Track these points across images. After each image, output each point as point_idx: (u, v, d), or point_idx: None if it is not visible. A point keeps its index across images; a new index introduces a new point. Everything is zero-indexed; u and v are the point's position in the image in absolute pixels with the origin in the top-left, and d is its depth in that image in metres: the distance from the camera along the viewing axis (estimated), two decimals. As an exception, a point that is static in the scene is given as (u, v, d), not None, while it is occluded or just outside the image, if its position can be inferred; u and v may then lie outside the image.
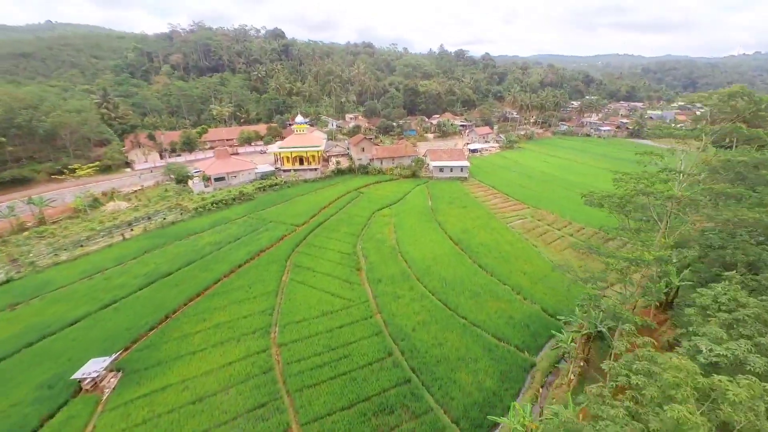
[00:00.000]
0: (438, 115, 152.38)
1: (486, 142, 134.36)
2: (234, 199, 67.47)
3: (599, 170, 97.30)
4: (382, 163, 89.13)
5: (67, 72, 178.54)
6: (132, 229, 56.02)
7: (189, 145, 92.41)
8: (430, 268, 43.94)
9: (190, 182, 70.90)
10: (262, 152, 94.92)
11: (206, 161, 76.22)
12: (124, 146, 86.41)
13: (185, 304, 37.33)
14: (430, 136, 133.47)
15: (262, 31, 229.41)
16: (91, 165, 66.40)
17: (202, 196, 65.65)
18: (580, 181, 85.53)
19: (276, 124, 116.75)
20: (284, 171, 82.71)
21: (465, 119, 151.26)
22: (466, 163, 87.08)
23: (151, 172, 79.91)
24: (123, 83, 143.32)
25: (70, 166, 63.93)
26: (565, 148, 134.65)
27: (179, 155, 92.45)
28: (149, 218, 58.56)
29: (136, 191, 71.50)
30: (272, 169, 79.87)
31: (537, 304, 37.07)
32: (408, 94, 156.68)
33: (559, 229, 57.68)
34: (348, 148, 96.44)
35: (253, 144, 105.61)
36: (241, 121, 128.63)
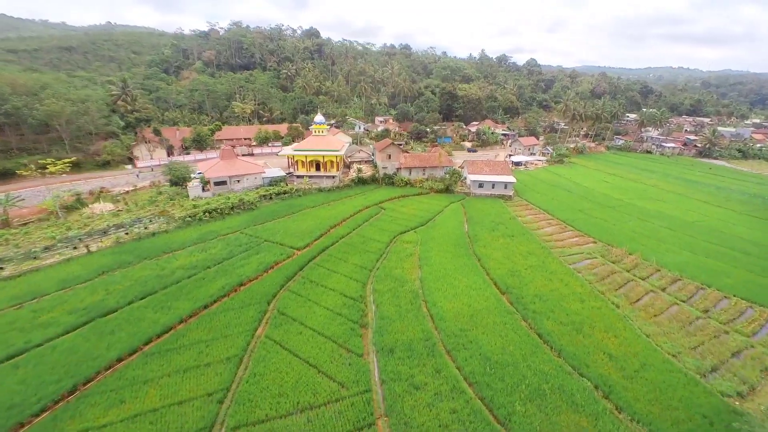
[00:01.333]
0: (477, 123, 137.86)
1: (531, 154, 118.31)
2: (232, 208, 57.08)
3: (677, 197, 79.54)
4: (410, 173, 76.38)
5: (106, 66, 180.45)
6: (102, 240, 46.54)
7: (200, 143, 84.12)
8: (465, 333, 30.47)
9: (188, 185, 61.36)
10: (278, 154, 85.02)
11: (208, 162, 66.84)
12: (134, 141, 79.40)
13: (110, 367, 26.14)
14: (467, 144, 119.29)
15: (299, 31, 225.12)
16: (67, 160, 58.46)
17: (195, 203, 55.72)
18: (656, 210, 68.84)
19: (299, 125, 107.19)
20: (297, 177, 71.93)
21: (507, 128, 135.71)
22: (511, 178, 72.50)
23: (152, 170, 71.72)
24: (151, 77, 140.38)
25: (41, 161, 56.00)
26: (625, 166, 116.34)
27: (189, 153, 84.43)
28: (128, 226, 48.98)
29: (128, 192, 63.04)
30: (283, 174, 69.27)
31: (644, 428, 22.63)
32: (445, 98, 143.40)
33: (644, 279, 42.24)
34: (372, 154, 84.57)
35: (270, 144, 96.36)
36: (263, 120, 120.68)
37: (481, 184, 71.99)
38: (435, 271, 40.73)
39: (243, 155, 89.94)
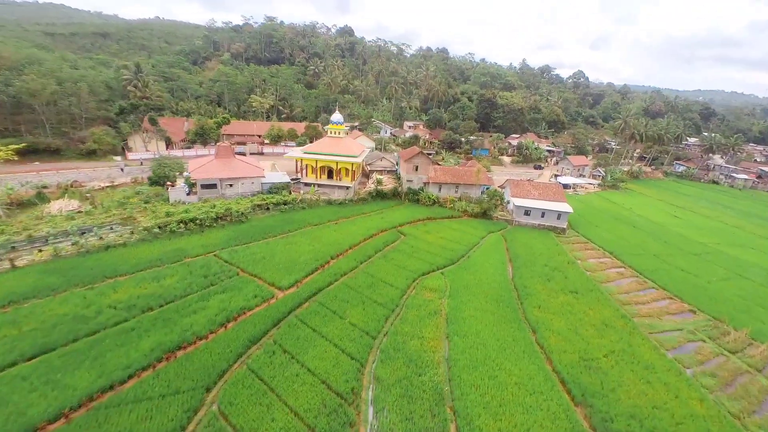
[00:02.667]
0: (517, 135, 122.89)
1: (581, 175, 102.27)
2: (216, 219, 45.96)
3: (785, 247, 62.20)
4: (440, 189, 63.25)
5: (137, 53, 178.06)
6: (41, 250, 36.25)
7: (203, 137, 74.49)
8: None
9: (169, 186, 51.01)
10: (284, 156, 74.09)
11: (199, 160, 56.35)
12: (130, 130, 70.67)
13: None
14: (507, 159, 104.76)
15: (333, 30, 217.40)
16: (14, 146, 48.84)
17: (170, 210, 44.91)
18: (755, 262, 52.77)
19: (318, 124, 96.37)
20: (305, 184, 60.42)
21: (552, 144, 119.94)
22: (566, 207, 57.98)
23: (141, 164, 62.18)
24: (174, 65, 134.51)
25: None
26: (692, 198, 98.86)
27: (190, 148, 74.97)
28: (76, 235, 38.57)
29: (103, 188, 53.43)
30: (287, 180, 57.84)
31: None
32: (483, 106, 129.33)
33: (796, 391, 27.23)
34: (396, 164, 72.07)
35: (283, 144, 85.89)
36: (282, 116, 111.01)
37: (527, 211, 57.86)
38: (470, 349, 27.38)
39: (251, 153, 79.84)
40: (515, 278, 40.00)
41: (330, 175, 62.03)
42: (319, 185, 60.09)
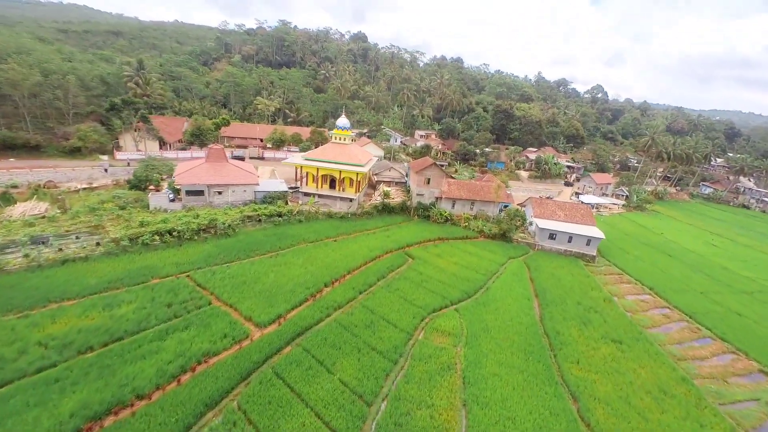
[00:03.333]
0: (534, 149, 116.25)
1: (603, 194, 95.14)
2: (198, 231, 40.18)
3: None
4: (453, 205, 56.92)
5: (147, 51, 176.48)
6: (-18, 263, 30.68)
7: (199, 138, 69.46)
8: None
9: (150, 192, 45.59)
10: (283, 162, 68.57)
11: (188, 163, 50.90)
12: (121, 127, 65.94)
13: None
14: (524, 174, 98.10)
15: (347, 36, 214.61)
16: None
17: (146, 219, 39.25)
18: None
19: (325, 129, 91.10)
20: (304, 194, 54.59)
21: (572, 159, 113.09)
22: (597, 232, 51.17)
23: (128, 165, 57.05)
24: (181, 64, 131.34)
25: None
26: (725, 224, 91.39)
27: (186, 149, 69.96)
28: (25, 246, 33.02)
29: (81, 190, 48.21)
30: (284, 188, 52.03)
31: None
32: (498, 117, 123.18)
33: None
34: (406, 175, 66.00)
35: (286, 149, 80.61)
36: (288, 120, 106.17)
37: (552, 235, 51.12)
38: (494, 427, 20.76)
39: (252, 158, 74.58)
40: (545, 320, 33.26)
41: (332, 184, 56.19)
42: (320, 196, 54.23)
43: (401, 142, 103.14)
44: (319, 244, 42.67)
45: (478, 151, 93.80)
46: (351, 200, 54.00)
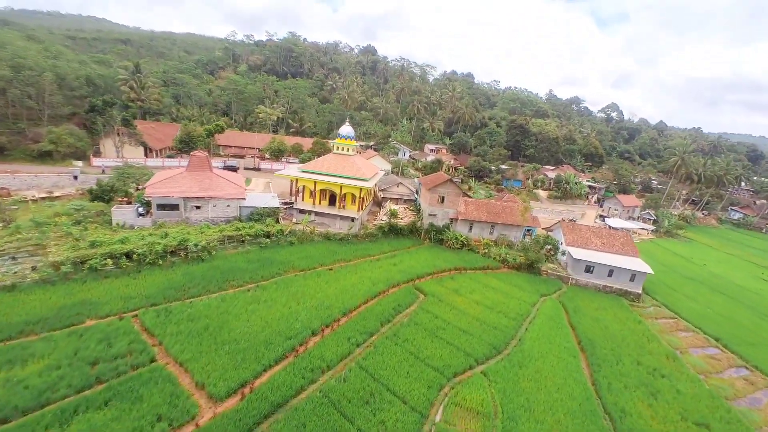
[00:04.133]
0: (551, 167, 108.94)
1: (630, 218, 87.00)
2: (164, 255, 32.88)
3: None
4: (471, 229, 49.31)
5: (154, 60, 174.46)
6: None
7: (189, 145, 63.18)
8: None
9: (115, 205, 38.73)
10: (276, 174, 61.73)
11: (166, 172, 44.08)
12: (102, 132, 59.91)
13: None
14: (542, 194, 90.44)
15: (356, 50, 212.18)
16: None
17: (96, 239, 32.06)
18: None
19: (328, 140, 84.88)
20: (300, 211, 47.38)
21: (593, 179, 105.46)
22: (643, 265, 43.09)
23: (103, 172, 50.52)
24: (184, 71, 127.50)
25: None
26: (763, 252, 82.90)
27: (172, 157, 63.61)
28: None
29: (39, 199, 41.47)
30: (275, 204, 44.87)
31: None
32: (513, 133, 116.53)
33: None
34: (417, 192, 58.69)
35: (285, 159, 74.14)
36: (291, 130, 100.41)
37: (589, 267, 43.12)
38: None
39: (246, 168, 68.09)
40: (601, 389, 25.07)
41: (332, 201, 49.05)
42: (317, 213, 46.99)
43: (410, 156, 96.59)
44: (310, 273, 35.16)
45: (493, 168, 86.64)
46: (353, 220, 46.68)
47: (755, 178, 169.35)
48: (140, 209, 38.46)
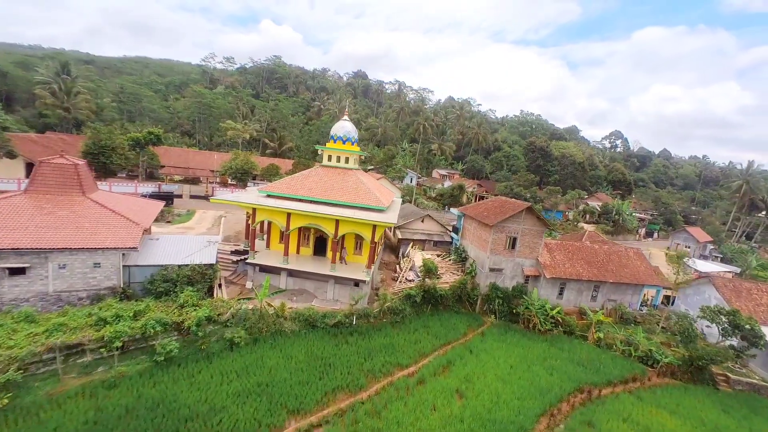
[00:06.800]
0: (585, 195, 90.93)
1: (702, 256, 67.85)
2: None
3: None
4: (562, 292, 28.20)
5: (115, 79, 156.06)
6: None
7: (97, 158, 41.68)
8: None
9: None
10: (211, 199, 39.87)
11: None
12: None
13: None
14: (588, 227, 71.05)
15: (345, 77, 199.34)
16: None
17: None
18: None
19: (316, 164, 64.76)
20: (260, 268, 25.40)
21: (642, 208, 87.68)
22: None
23: None
24: (144, 86, 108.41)
25: None
26: None
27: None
28: None
29: None
30: (209, 256, 23.07)
31: None
32: (533, 157, 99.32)
33: None
34: (455, 231, 37.51)
35: (254, 184, 52.97)
36: (267, 151, 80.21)
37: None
38: None
39: (193, 197, 46.50)
40: None
41: (321, 246, 27.67)
42: (293, 273, 25.26)
43: (417, 182, 76.98)
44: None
45: (528, 195, 67.23)
46: (357, 284, 25.06)
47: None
48: None
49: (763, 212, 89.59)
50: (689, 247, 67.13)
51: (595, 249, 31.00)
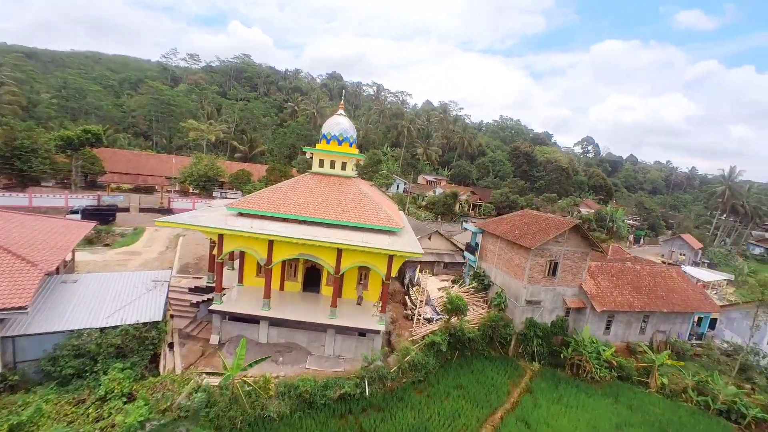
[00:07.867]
0: (580, 201, 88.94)
1: (694, 264, 66.55)
2: None
3: None
4: (609, 326, 23.02)
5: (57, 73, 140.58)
6: None
7: (9, 161, 32.60)
8: None
9: None
10: (156, 222, 31.58)
11: None
12: None
13: None
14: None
15: (318, 80, 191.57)
16: None
17: None
18: None
19: (293, 168, 57.61)
20: (231, 317, 18.29)
21: (633, 216, 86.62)
22: None
23: None
24: (93, 81, 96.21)
25: None
26: None
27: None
28: None
29: None
30: (156, 311, 15.81)
31: None
32: (518, 162, 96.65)
33: None
34: (469, 251, 31.68)
35: (221, 193, 45.05)
36: (236, 156, 71.76)
37: None
38: None
39: (143, 210, 38.03)
40: None
41: (311, 279, 20.96)
42: (278, 324, 18.34)
43: (404, 189, 71.32)
44: None
45: (524, 203, 63.11)
46: (368, 336, 18.55)
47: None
48: None
49: (738, 217, 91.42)
50: (684, 255, 65.57)
51: (638, 271, 26.17)
